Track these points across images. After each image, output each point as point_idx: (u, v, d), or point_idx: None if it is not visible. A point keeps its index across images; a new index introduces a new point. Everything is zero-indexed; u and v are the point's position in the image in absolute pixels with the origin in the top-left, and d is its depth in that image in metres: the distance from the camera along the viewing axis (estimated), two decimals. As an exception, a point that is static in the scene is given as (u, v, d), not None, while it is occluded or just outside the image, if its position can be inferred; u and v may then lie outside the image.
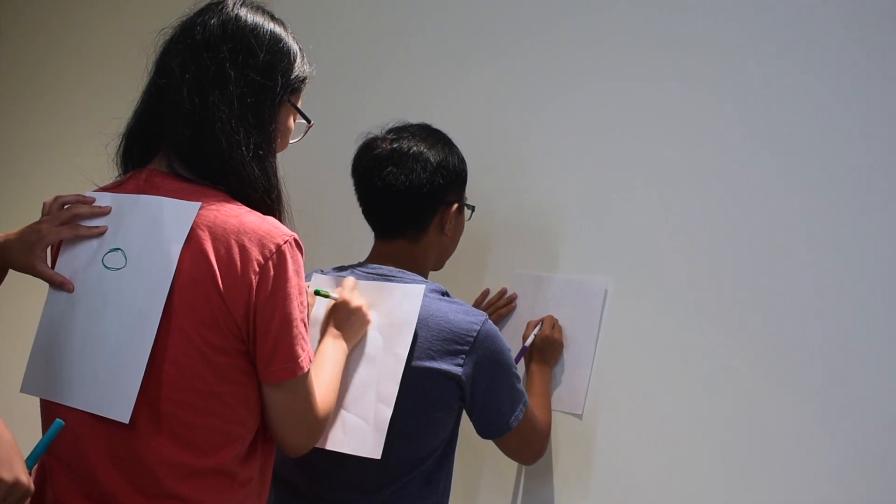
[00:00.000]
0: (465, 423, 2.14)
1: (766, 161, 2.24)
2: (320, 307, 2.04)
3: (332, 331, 1.96)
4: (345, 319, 1.98)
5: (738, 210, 2.26)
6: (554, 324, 2.47)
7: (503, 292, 2.60)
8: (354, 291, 2.03)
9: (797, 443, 2.11)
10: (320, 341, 1.95)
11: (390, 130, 2.20)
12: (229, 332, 1.59)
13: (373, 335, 2.02)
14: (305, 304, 1.67)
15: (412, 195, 2.12)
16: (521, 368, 2.43)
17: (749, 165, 2.26)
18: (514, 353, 2.20)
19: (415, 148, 2.14)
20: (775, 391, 2.15)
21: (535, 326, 2.46)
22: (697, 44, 2.37)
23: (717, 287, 2.26)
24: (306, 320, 1.67)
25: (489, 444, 2.20)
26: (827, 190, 2.15)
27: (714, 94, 2.33)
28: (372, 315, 2.03)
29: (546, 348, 2.44)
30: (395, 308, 2.03)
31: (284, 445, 1.71)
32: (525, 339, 2.46)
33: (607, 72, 2.51)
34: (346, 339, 1.97)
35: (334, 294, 2.01)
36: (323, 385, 1.80)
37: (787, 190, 2.20)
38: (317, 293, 2.00)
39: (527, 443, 2.19)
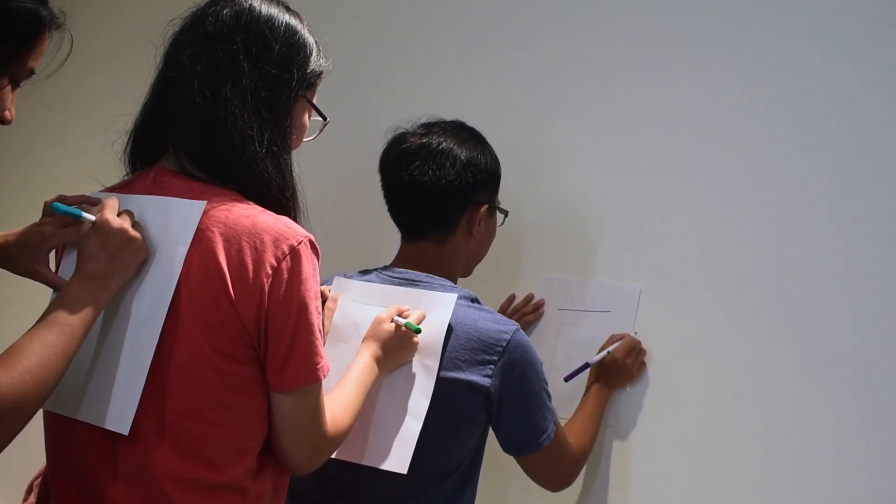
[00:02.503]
0: (491, 437, 2.12)
1: (806, 167, 2.25)
2: (359, 314, 2.04)
3: (373, 350, 1.96)
4: (396, 348, 1.98)
5: (777, 215, 2.27)
6: (632, 349, 2.38)
7: (530, 298, 2.60)
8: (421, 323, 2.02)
9: (838, 453, 2.12)
10: (357, 354, 1.95)
11: (421, 125, 2.21)
12: (239, 338, 1.58)
13: None
14: (321, 309, 1.66)
15: (439, 192, 2.11)
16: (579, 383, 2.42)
17: (789, 171, 2.27)
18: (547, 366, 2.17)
19: (444, 144, 2.13)
20: (816, 401, 2.16)
21: (614, 343, 2.40)
22: (743, 42, 2.36)
23: (754, 294, 2.27)
24: (322, 327, 1.65)
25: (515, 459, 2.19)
26: (864, 196, 2.17)
27: (757, 97, 2.33)
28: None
29: (612, 370, 2.38)
30: (425, 317, 2.02)
31: (287, 462, 1.69)
32: (600, 350, 2.40)
33: (644, 68, 2.52)
34: (383, 364, 1.96)
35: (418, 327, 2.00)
36: (341, 403, 1.78)
37: (828, 196, 2.22)
38: (409, 326, 1.99)
39: (555, 467, 2.16)
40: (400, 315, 2.00)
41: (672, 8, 2.48)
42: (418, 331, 1.98)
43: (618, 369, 2.37)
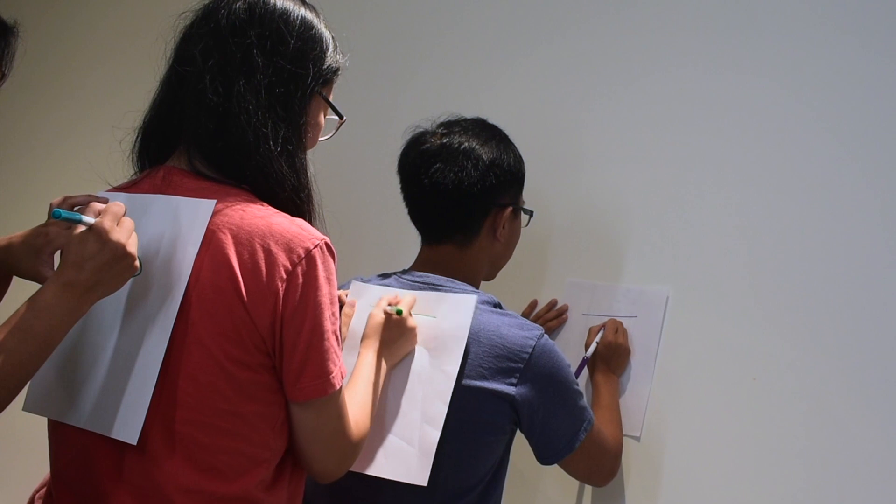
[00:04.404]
0: (514, 448, 2.11)
1: (847, 166, 2.23)
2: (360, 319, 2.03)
3: (373, 345, 1.94)
4: (395, 338, 1.97)
5: (814, 216, 2.25)
6: (617, 328, 2.45)
7: (553, 304, 2.59)
8: (412, 309, 2.01)
9: (879, 467, 2.08)
10: (359, 355, 1.94)
11: (441, 124, 2.19)
12: (253, 345, 1.57)
13: (418, 349, 2.00)
14: (338, 314, 1.65)
15: (461, 195, 2.10)
16: (584, 379, 2.43)
17: (828, 169, 2.25)
18: (573, 366, 2.17)
19: (466, 144, 2.12)
20: (854, 412, 2.13)
21: (597, 333, 2.45)
22: (781, 35, 2.35)
23: (789, 299, 2.25)
24: (339, 333, 1.65)
25: (540, 472, 2.18)
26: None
27: (795, 92, 2.31)
28: (419, 327, 2.02)
29: (611, 356, 2.42)
30: (444, 320, 2.01)
31: (314, 471, 1.69)
32: (587, 347, 2.45)
33: (673, 64, 2.51)
34: (388, 357, 1.95)
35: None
36: (357, 406, 1.77)
37: (871, 196, 2.19)
38: (398, 313, 1.98)
39: (595, 464, 2.17)
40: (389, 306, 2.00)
41: (702, 0, 2.47)
42: (399, 312, 1.97)
43: (614, 351, 2.42)
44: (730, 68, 2.39)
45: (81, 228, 1.52)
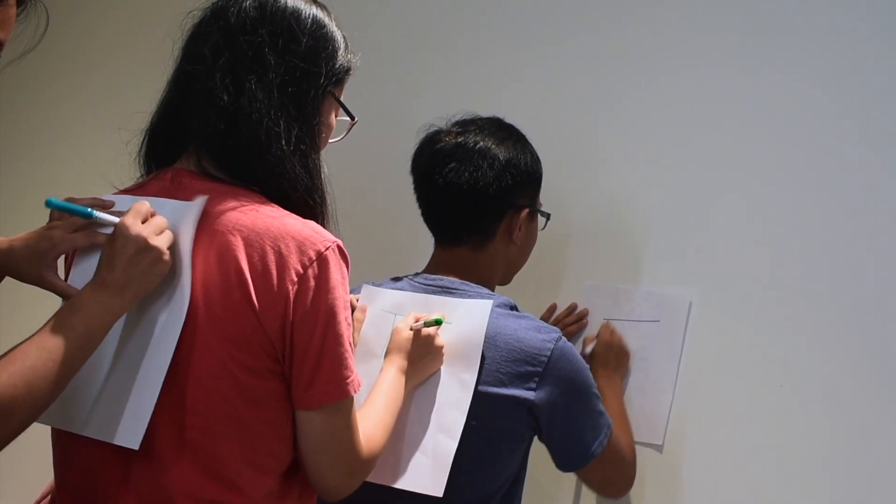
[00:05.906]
0: (531, 457, 2.11)
1: (875, 166, 2.22)
2: (390, 325, 2.03)
3: (397, 362, 1.95)
4: (422, 356, 1.97)
5: (841, 219, 2.24)
6: (612, 330, 2.45)
7: (573, 308, 2.58)
8: (436, 328, 2.01)
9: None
10: (381, 370, 1.94)
11: (456, 123, 2.20)
12: (262, 350, 1.57)
13: None
14: (350, 319, 1.65)
15: (477, 196, 2.10)
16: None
17: (856, 169, 2.24)
18: None
19: (482, 143, 2.12)
20: (886, 420, 2.12)
21: (592, 341, 2.46)
22: (804, 32, 2.34)
23: (816, 302, 2.25)
24: (352, 339, 1.64)
25: (558, 481, 2.17)
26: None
27: (821, 91, 2.30)
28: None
29: (610, 355, 2.42)
30: (460, 326, 2.01)
31: (320, 486, 1.67)
32: (584, 348, 2.45)
33: (694, 61, 2.50)
34: (411, 376, 1.95)
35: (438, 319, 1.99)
36: (372, 422, 1.76)
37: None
38: (437, 323, 1.98)
39: (613, 472, 2.17)
40: (417, 322, 1.99)
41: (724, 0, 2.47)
42: (439, 322, 1.98)
43: (612, 349, 2.43)
44: (753, 68, 2.39)
45: (108, 230, 1.57)
